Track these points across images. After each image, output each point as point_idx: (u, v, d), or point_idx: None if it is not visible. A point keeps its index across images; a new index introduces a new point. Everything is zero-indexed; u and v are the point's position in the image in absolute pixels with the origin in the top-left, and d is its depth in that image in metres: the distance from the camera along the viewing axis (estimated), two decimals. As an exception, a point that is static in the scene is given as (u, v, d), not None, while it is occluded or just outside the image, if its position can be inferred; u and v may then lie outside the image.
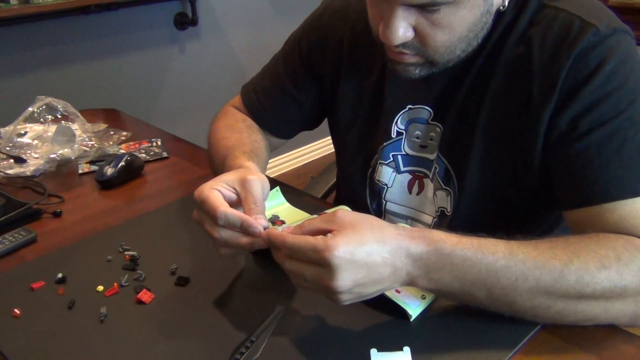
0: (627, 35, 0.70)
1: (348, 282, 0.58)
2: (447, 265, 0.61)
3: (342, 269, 0.57)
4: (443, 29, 0.67)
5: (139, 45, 2.16)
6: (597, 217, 0.68)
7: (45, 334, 0.68)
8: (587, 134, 0.69)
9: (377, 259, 0.59)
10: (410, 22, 0.67)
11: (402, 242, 0.60)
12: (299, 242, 0.59)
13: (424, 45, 0.70)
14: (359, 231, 0.59)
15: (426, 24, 0.67)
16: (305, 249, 0.58)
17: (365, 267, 0.58)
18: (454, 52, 0.71)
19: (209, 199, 0.67)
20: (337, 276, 0.57)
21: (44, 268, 0.80)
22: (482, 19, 0.70)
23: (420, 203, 0.88)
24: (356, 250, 0.57)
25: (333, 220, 0.60)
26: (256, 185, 0.69)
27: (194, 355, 0.64)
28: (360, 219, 0.61)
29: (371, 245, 0.58)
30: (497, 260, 0.61)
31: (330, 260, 0.56)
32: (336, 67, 0.92)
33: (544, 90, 0.71)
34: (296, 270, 0.60)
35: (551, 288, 0.60)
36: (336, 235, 0.58)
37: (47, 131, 1.21)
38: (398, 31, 0.67)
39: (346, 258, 0.57)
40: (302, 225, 0.62)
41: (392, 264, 0.60)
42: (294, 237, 0.60)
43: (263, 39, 2.55)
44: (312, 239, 0.58)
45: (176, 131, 1.39)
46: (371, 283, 0.60)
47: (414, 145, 0.86)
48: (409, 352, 0.62)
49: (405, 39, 0.68)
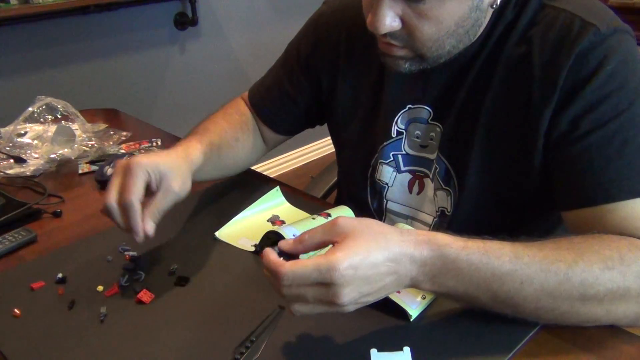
0: (627, 35, 0.70)
1: (353, 296, 0.57)
2: (451, 271, 0.60)
3: (347, 285, 0.56)
4: (430, 21, 0.68)
5: (139, 45, 2.16)
6: (597, 218, 0.68)
7: (45, 334, 0.68)
8: (588, 135, 0.68)
9: (382, 268, 0.58)
10: (397, 12, 0.68)
11: (406, 248, 0.59)
12: (298, 268, 0.56)
13: (412, 37, 0.70)
14: (362, 241, 0.57)
15: (412, 14, 0.68)
16: (308, 274, 0.56)
17: (371, 278, 0.57)
18: (442, 47, 0.71)
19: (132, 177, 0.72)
20: (343, 292, 0.56)
21: (44, 268, 0.80)
22: (472, 14, 0.69)
23: (421, 203, 0.88)
24: (360, 264, 0.56)
25: (334, 231, 0.59)
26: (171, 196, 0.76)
27: (194, 355, 0.64)
28: (362, 226, 0.59)
29: (375, 255, 0.57)
30: (502, 264, 0.60)
31: (335, 279, 0.55)
32: (334, 67, 0.93)
33: (544, 90, 0.71)
34: (296, 295, 0.58)
35: (556, 291, 0.60)
36: (337, 250, 0.57)
37: (47, 131, 1.20)
38: (385, 19, 0.67)
39: (351, 274, 0.56)
40: (302, 239, 0.61)
41: (396, 272, 0.59)
42: (292, 265, 0.57)
43: (263, 39, 2.55)
44: (310, 262, 0.56)
45: (176, 131, 1.39)
46: (376, 291, 0.59)
47: (414, 144, 0.86)
48: (409, 352, 0.62)
49: (391, 29, 0.69)
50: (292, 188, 1.02)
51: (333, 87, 0.94)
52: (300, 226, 0.76)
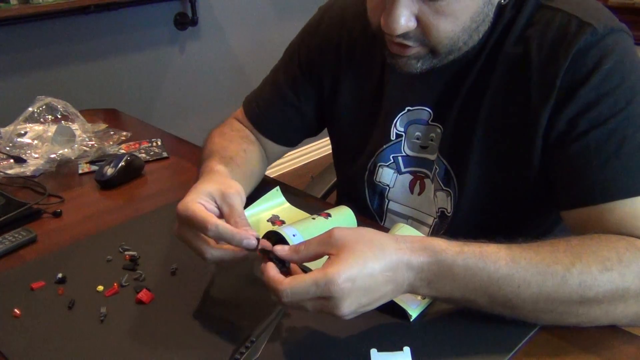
0: (624, 34, 0.70)
1: (352, 307, 0.57)
2: (448, 276, 0.61)
3: (345, 298, 0.56)
4: (447, 18, 0.67)
5: (139, 45, 2.16)
6: (596, 218, 0.68)
7: (45, 334, 0.68)
8: (586, 134, 0.68)
9: (379, 278, 0.58)
10: (413, 11, 0.67)
11: (402, 256, 0.59)
12: (297, 284, 0.56)
13: (427, 35, 0.69)
14: (358, 252, 0.57)
15: (429, 12, 0.67)
16: (307, 289, 0.56)
17: (369, 289, 0.58)
18: (456, 44, 0.71)
19: (195, 213, 0.65)
20: (342, 305, 0.56)
21: (44, 268, 0.80)
22: (484, 8, 0.69)
23: (422, 203, 0.88)
24: (358, 275, 0.56)
25: (330, 243, 0.59)
26: (238, 200, 0.69)
27: (194, 355, 0.64)
28: (358, 237, 0.59)
29: (372, 265, 0.57)
30: (499, 269, 0.60)
31: (333, 293, 0.55)
32: (335, 72, 0.92)
33: (542, 90, 0.71)
34: (296, 305, 0.58)
35: (554, 293, 0.60)
36: (334, 262, 0.57)
37: (47, 131, 1.21)
38: (400, 19, 0.66)
39: (349, 287, 0.56)
40: (297, 250, 0.61)
41: (394, 280, 0.59)
42: (290, 282, 0.57)
43: (263, 39, 2.55)
44: (308, 277, 0.56)
45: (176, 131, 1.39)
46: (374, 301, 0.59)
47: (415, 146, 0.86)
48: (409, 352, 0.62)
49: (407, 29, 0.67)
50: (292, 188, 1.02)
51: (334, 91, 0.93)
52: (300, 226, 0.76)
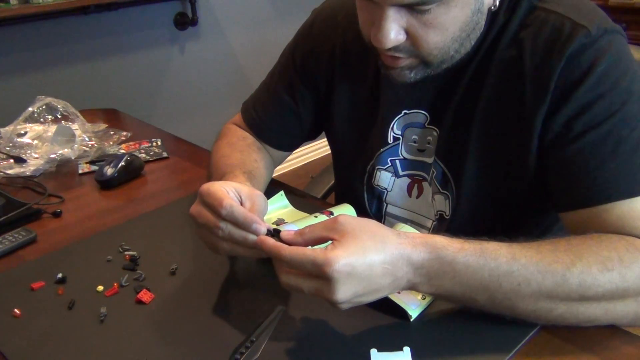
0: (618, 35, 0.70)
1: (348, 295, 0.58)
2: (448, 273, 0.61)
3: (342, 283, 0.56)
4: (435, 30, 0.67)
5: (139, 45, 2.16)
6: (594, 219, 0.68)
7: (45, 334, 0.68)
8: (582, 136, 0.68)
9: (378, 270, 0.58)
10: (402, 24, 0.67)
11: (403, 250, 0.60)
12: (297, 254, 0.58)
13: (417, 47, 0.69)
14: (360, 241, 0.58)
15: (418, 25, 0.66)
16: (305, 262, 0.57)
17: (366, 279, 0.58)
18: (447, 53, 0.70)
19: (216, 192, 0.66)
20: (337, 290, 0.57)
21: (44, 268, 0.80)
22: (474, 17, 0.69)
23: (420, 206, 0.88)
24: (357, 263, 0.57)
25: (334, 228, 0.60)
26: (262, 201, 0.70)
27: (194, 355, 0.64)
28: (362, 226, 0.60)
29: (372, 256, 0.58)
30: (499, 266, 0.61)
31: (330, 274, 0.56)
32: (330, 75, 0.91)
33: (536, 92, 0.71)
34: (293, 285, 0.59)
35: (553, 292, 0.60)
36: (336, 246, 0.57)
37: (47, 131, 1.21)
38: (390, 34, 0.66)
39: (346, 272, 0.56)
40: (302, 232, 0.61)
41: (393, 274, 0.59)
42: (291, 249, 0.58)
43: (263, 39, 2.55)
44: (310, 251, 0.57)
45: (176, 131, 1.39)
46: (371, 292, 0.59)
47: (412, 149, 0.86)
48: (409, 352, 0.62)
49: (397, 42, 0.67)
50: (292, 188, 1.02)
51: (330, 94, 0.92)
52: (301, 224, 0.76)
